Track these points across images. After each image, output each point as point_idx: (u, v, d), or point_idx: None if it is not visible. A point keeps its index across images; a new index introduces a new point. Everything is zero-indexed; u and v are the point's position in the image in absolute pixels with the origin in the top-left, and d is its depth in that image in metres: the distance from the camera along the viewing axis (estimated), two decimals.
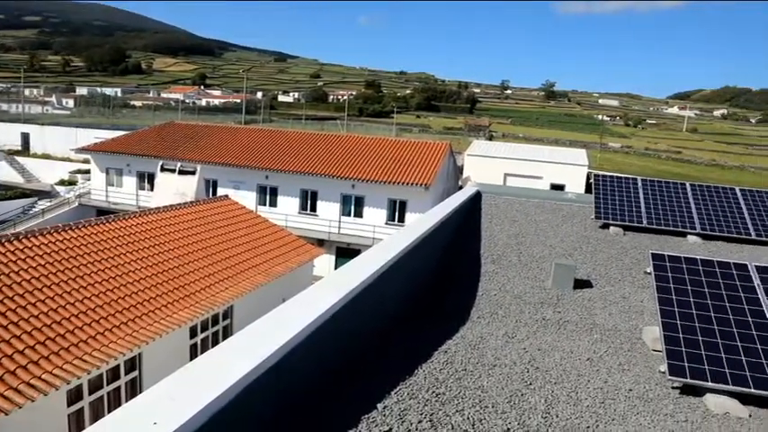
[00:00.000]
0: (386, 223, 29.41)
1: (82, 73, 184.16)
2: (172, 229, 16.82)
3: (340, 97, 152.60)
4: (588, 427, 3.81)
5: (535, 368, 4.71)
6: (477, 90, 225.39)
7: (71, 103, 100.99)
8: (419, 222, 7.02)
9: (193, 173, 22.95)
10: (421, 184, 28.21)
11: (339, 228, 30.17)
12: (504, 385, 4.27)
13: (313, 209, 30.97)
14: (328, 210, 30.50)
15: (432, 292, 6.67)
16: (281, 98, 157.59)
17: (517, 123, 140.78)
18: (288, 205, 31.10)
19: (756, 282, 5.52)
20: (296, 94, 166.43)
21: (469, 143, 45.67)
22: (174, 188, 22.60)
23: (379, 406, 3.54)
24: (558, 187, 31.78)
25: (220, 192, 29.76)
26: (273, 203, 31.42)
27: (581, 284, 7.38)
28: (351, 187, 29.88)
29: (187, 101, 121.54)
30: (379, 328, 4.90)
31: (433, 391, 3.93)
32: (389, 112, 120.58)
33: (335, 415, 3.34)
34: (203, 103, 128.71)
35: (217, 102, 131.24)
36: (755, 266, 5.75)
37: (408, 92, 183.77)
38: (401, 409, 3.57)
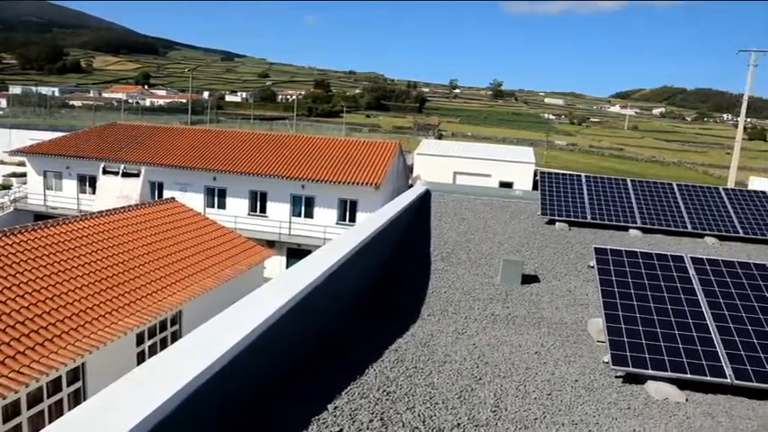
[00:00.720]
0: (337, 223, 29.31)
1: (15, 71, 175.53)
2: (116, 233, 16.27)
3: (289, 97, 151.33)
4: (536, 418, 3.89)
5: (484, 363, 4.78)
6: (427, 89, 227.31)
7: (3, 102, 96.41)
8: (369, 222, 7.02)
9: (137, 175, 22.22)
10: (371, 184, 28.24)
11: (290, 229, 29.88)
12: (454, 381, 4.31)
13: (263, 210, 30.56)
14: (278, 211, 30.15)
15: (382, 290, 6.68)
16: (229, 98, 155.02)
17: (466, 122, 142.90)
18: (237, 207, 30.58)
19: (692, 272, 5.77)
20: (244, 94, 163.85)
21: (419, 142, 45.99)
22: (117, 191, 21.82)
23: (330, 407, 3.52)
24: (506, 185, 32.37)
25: (166, 194, 28.96)
26: (222, 205, 30.84)
27: (529, 280, 7.54)
28: (301, 188, 29.64)
29: (130, 101, 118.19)
30: (329, 328, 4.88)
31: (384, 390, 3.93)
32: (339, 112, 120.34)
33: (285, 417, 3.30)
34: (147, 103, 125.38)
35: (162, 102, 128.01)
36: (691, 258, 6.01)
37: (358, 91, 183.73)
38: (352, 408, 3.56)
